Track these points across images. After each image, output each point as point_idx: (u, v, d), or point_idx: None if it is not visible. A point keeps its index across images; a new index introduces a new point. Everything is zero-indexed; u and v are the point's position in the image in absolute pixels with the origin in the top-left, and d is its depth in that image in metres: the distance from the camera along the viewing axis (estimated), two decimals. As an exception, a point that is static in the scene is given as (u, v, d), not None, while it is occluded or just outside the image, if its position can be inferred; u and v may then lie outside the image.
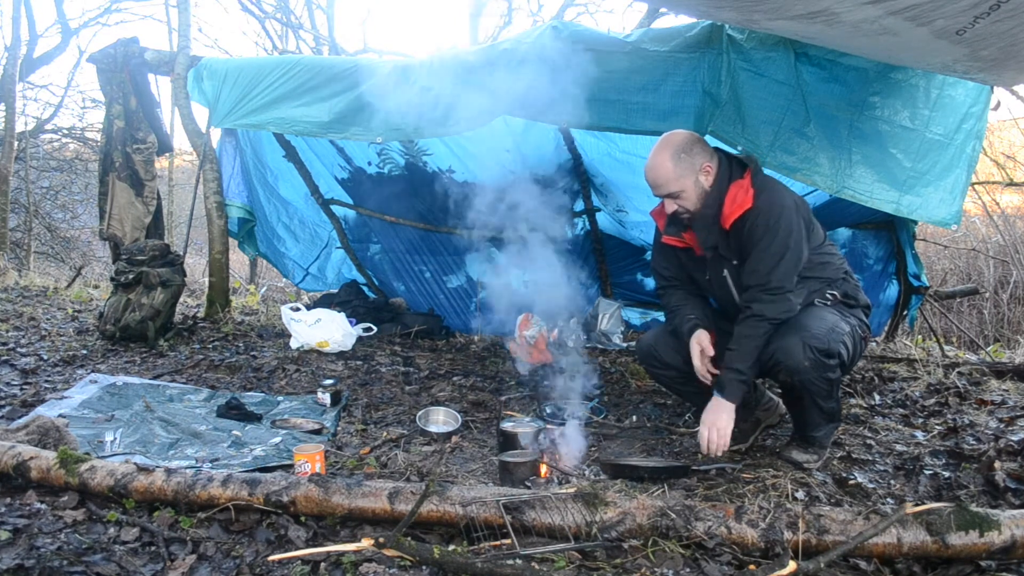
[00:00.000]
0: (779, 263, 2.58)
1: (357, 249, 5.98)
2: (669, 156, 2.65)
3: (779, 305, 2.59)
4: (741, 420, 3.02)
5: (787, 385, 2.67)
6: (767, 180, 2.70)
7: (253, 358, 4.46)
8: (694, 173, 2.66)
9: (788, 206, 2.61)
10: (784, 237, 2.58)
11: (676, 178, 2.65)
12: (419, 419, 3.30)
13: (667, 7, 3.79)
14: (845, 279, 2.80)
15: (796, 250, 2.60)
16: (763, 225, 2.58)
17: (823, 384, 2.60)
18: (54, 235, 12.12)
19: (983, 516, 1.96)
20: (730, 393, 2.62)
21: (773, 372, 2.64)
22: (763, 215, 2.59)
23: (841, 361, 2.62)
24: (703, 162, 2.67)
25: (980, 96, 3.15)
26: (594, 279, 5.74)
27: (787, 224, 2.58)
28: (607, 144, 4.54)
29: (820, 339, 2.54)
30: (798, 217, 2.62)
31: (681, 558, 1.97)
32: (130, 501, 2.23)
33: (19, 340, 4.60)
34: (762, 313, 2.59)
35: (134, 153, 5.25)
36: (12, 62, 10.64)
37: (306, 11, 12.63)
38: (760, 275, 2.60)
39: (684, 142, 2.67)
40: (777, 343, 2.59)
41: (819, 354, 2.53)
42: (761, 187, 2.64)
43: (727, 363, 2.64)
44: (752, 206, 2.59)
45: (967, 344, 6.08)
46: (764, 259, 2.59)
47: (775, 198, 2.62)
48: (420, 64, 3.97)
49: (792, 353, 2.54)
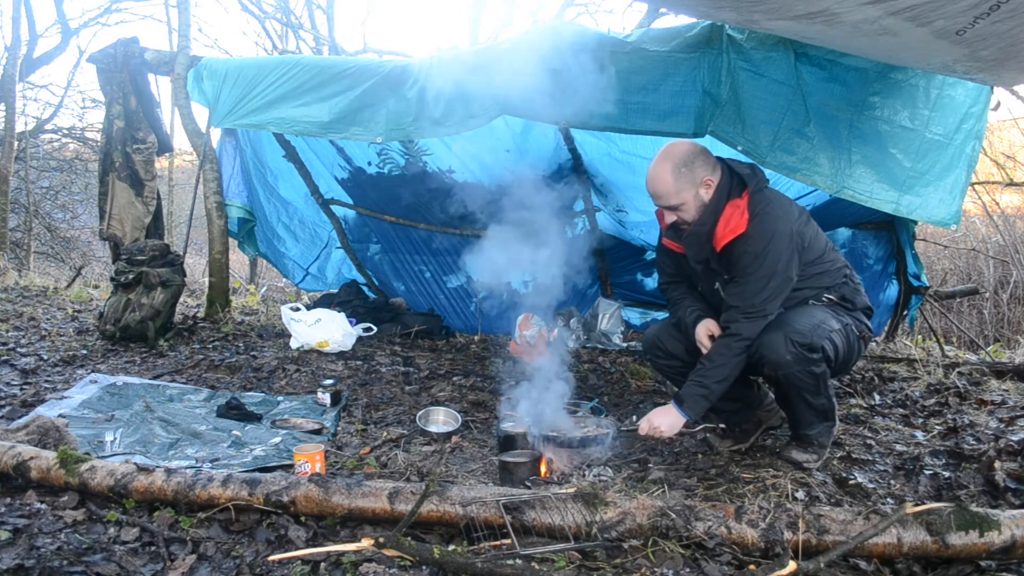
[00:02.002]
0: (763, 289, 2.59)
1: (357, 249, 5.98)
2: (670, 169, 2.62)
3: (756, 324, 2.61)
4: (743, 420, 3.03)
5: (772, 380, 2.69)
6: (764, 203, 2.63)
7: (253, 358, 4.46)
8: (695, 187, 2.63)
9: (780, 233, 2.59)
10: (772, 265, 2.57)
11: (676, 191, 2.62)
12: (419, 419, 3.30)
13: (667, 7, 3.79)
14: (844, 283, 2.79)
15: (782, 278, 2.60)
16: (752, 252, 2.58)
17: (808, 379, 2.61)
18: (54, 235, 12.12)
19: (983, 516, 1.96)
20: (689, 407, 2.64)
21: (758, 367, 2.66)
22: (753, 242, 2.57)
23: (826, 356, 2.61)
24: (704, 175, 2.63)
25: (980, 96, 3.15)
26: (594, 279, 5.74)
27: (776, 253, 2.57)
28: (607, 144, 4.54)
29: (803, 333, 2.56)
30: (789, 244, 2.60)
31: (681, 558, 1.97)
32: (130, 501, 2.23)
33: (19, 340, 4.60)
34: (739, 332, 2.62)
35: (134, 153, 5.25)
36: (12, 62, 10.65)
37: (306, 11, 12.64)
38: (744, 299, 2.62)
39: (686, 155, 2.64)
40: (761, 338, 2.61)
41: (801, 348, 2.55)
42: (756, 211, 2.60)
43: (694, 375, 2.66)
44: (744, 232, 2.58)
45: (967, 344, 6.08)
46: (750, 284, 2.60)
47: (768, 224, 2.59)
48: (420, 64, 3.97)
49: (775, 347, 2.56)
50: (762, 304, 2.59)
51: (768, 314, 2.62)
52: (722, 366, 2.63)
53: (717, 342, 2.68)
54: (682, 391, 2.68)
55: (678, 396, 2.69)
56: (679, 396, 2.68)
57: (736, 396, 2.93)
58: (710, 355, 2.66)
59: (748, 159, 3.51)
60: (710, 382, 2.63)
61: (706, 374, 2.64)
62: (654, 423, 2.69)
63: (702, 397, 2.64)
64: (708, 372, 2.63)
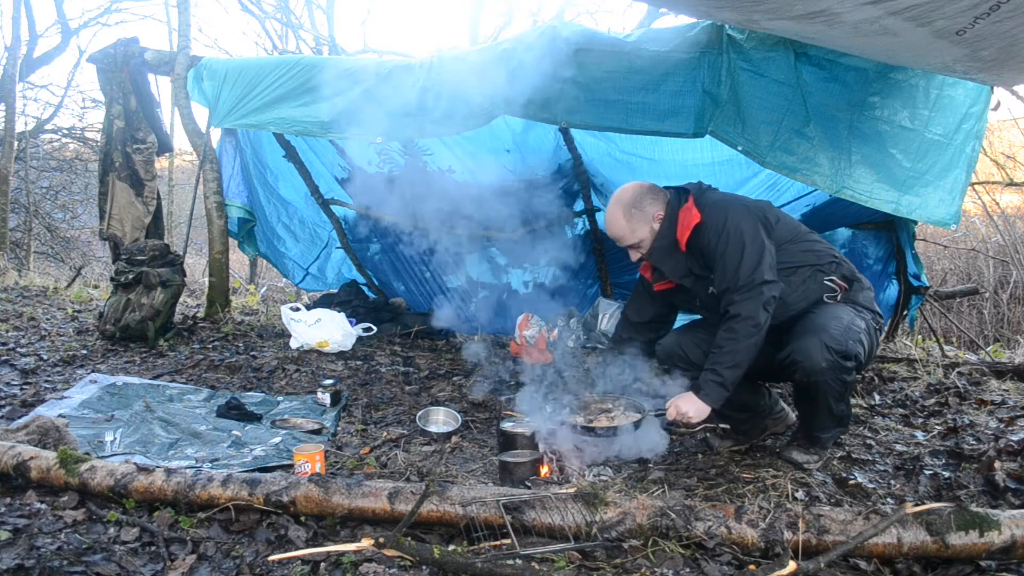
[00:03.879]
0: (741, 262, 2.60)
1: (357, 249, 5.97)
2: (621, 214, 2.81)
3: (754, 300, 2.58)
4: (751, 428, 3.03)
5: (802, 385, 2.68)
6: (711, 196, 2.80)
7: (253, 358, 4.46)
8: (647, 223, 2.80)
9: (734, 207, 2.70)
10: (737, 236, 2.63)
11: (631, 231, 2.81)
12: (419, 419, 3.30)
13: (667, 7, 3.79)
14: (837, 262, 2.81)
15: (755, 244, 2.62)
16: (714, 232, 2.66)
17: (838, 386, 2.62)
18: (54, 235, 12.11)
19: (983, 516, 1.96)
20: (707, 395, 2.63)
21: (789, 372, 2.64)
22: (711, 224, 2.68)
23: (858, 362, 2.64)
24: (654, 211, 2.80)
25: (980, 96, 3.15)
26: (594, 279, 5.74)
27: (736, 223, 2.64)
28: (607, 144, 4.53)
29: (838, 340, 2.56)
30: (749, 215, 2.68)
31: (681, 558, 1.97)
32: (130, 501, 2.24)
33: (19, 340, 4.60)
34: (738, 312, 2.59)
35: (134, 153, 5.25)
36: (12, 62, 10.64)
37: (306, 11, 12.65)
38: (727, 278, 2.63)
39: (633, 197, 2.81)
40: (795, 344, 2.60)
41: (837, 355, 2.55)
42: (704, 203, 2.74)
43: (707, 365, 2.66)
44: (700, 220, 2.69)
45: (967, 344, 6.08)
46: (726, 262, 2.63)
47: (719, 206, 2.71)
48: (420, 64, 3.97)
49: (811, 354, 2.55)
50: (748, 275, 2.59)
51: (759, 283, 2.58)
52: (731, 352, 2.59)
53: (722, 328, 2.66)
54: (698, 380, 2.67)
55: (695, 386, 2.67)
56: (695, 386, 2.67)
57: (746, 404, 2.93)
58: (716, 343, 2.65)
59: (748, 159, 3.53)
60: (722, 368, 2.61)
61: (717, 361, 2.62)
62: (681, 409, 2.65)
63: (718, 384, 2.61)
64: (718, 359, 2.62)
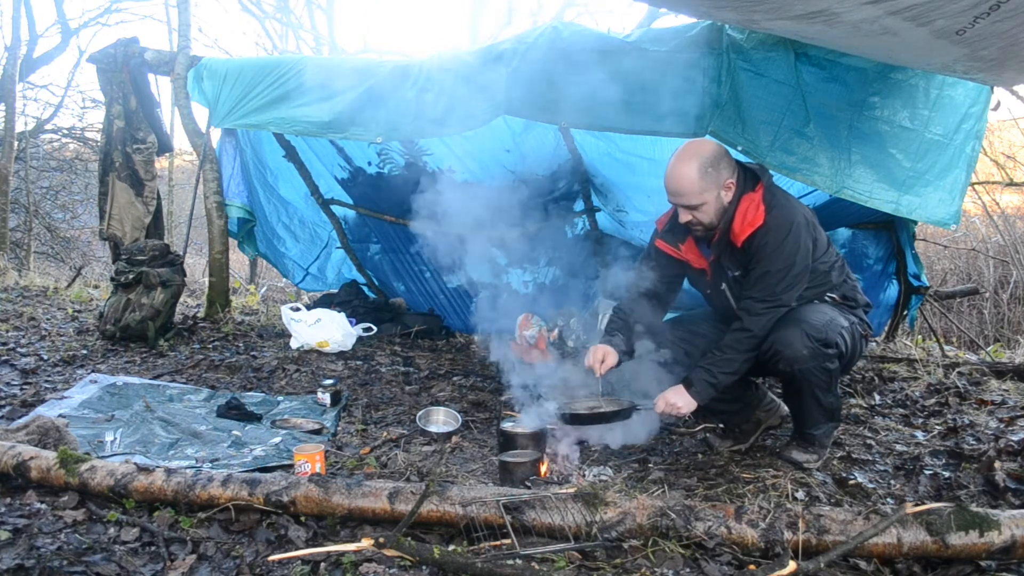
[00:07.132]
0: (784, 279, 2.60)
1: (357, 249, 5.97)
2: (697, 168, 2.58)
3: (769, 317, 2.61)
4: (742, 421, 3.03)
5: (786, 376, 2.68)
6: (778, 194, 2.69)
7: (253, 358, 4.46)
8: (717, 188, 2.61)
9: (799, 223, 2.62)
10: (791, 255, 2.59)
11: (700, 191, 2.59)
12: (419, 419, 3.30)
13: (667, 7, 3.78)
14: (844, 281, 2.83)
15: (801, 267, 2.62)
16: (773, 242, 2.59)
17: (822, 375, 2.61)
18: (54, 235, 12.10)
19: (983, 516, 1.96)
20: (697, 391, 2.63)
21: (772, 363, 2.65)
22: (773, 233, 2.59)
23: (839, 352, 2.63)
24: (727, 178, 2.63)
25: (980, 96, 3.15)
26: (594, 279, 5.73)
27: (795, 241, 2.59)
28: (607, 144, 4.53)
29: (818, 329, 2.57)
30: (807, 234, 2.64)
31: (681, 558, 1.97)
32: (130, 501, 2.24)
33: (19, 340, 4.59)
34: (750, 328, 2.62)
35: (134, 153, 5.24)
36: (12, 62, 10.64)
37: (306, 11, 12.66)
38: (763, 289, 2.62)
39: (713, 155, 2.62)
40: (776, 334, 2.61)
41: (818, 343, 2.55)
42: (772, 203, 2.62)
43: (704, 362, 2.67)
44: (763, 224, 2.59)
45: (967, 344, 6.08)
46: (770, 274, 2.61)
47: (786, 215, 2.62)
48: (420, 64, 3.97)
49: (791, 342, 2.56)
50: (781, 293, 2.60)
51: (785, 304, 2.62)
52: (732, 360, 2.63)
53: (731, 333, 2.66)
54: (691, 375, 2.67)
55: (687, 380, 2.68)
56: (688, 380, 2.67)
57: (735, 396, 2.93)
58: (723, 345, 2.66)
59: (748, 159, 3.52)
60: (719, 372, 2.63)
61: (716, 363, 2.64)
62: (670, 401, 2.66)
63: (710, 385, 2.63)
64: (718, 362, 2.64)
